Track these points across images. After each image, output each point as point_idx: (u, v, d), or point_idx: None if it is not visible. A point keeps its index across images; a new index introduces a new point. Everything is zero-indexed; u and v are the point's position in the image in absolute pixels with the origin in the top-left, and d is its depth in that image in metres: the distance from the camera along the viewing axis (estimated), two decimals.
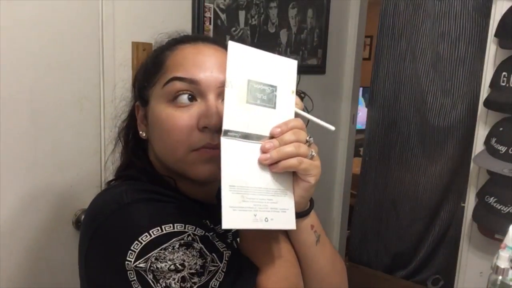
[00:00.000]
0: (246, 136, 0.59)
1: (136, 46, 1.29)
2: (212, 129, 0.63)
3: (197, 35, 0.74)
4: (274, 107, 0.62)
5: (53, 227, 1.18)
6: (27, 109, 1.09)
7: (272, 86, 0.62)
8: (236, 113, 0.58)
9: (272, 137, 0.60)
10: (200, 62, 0.66)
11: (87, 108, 1.22)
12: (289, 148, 0.59)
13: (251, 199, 0.57)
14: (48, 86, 1.12)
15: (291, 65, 0.65)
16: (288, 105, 0.64)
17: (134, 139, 0.76)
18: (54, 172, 1.16)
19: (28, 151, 1.10)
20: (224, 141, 0.57)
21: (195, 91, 0.65)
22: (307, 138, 0.62)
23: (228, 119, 0.58)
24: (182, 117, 0.64)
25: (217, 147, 0.58)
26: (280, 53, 1.88)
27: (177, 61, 0.68)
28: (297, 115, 0.65)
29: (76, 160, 1.21)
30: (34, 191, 1.13)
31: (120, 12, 1.25)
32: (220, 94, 0.65)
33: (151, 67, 0.71)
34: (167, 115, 0.65)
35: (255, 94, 0.60)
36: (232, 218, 0.55)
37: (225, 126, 0.57)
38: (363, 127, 2.66)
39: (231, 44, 0.59)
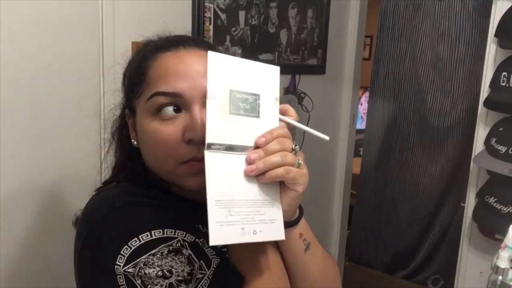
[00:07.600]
0: (230, 148, 0.57)
1: (136, 46, 1.29)
2: (198, 141, 0.61)
3: (178, 38, 0.71)
4: (258, 116, 0.61)
5: (53, 227, 1.18)
6: (27, 109, 1.09)
7: (255, 94, 0.61)
8: (219, 125, 0.57)
9: (257, 147, 0.59)
10: (182, 73, 0.64)
11: (87, 108, 1.22)
12: (275, 158, 0.58)
13: (238, 212, 0.56)
14: (48, 86, 1.12)
15: (273, 72, 0.63)
16: (272, 113, 0.62)
17: (127, 141, 0.76)
18: (54, 172, 1.16)
19: (28, 151, 1.10)
20: (208, 155, 0.56)
21: (180, 103, 0.64)
22: (293, 146, 0.60)
23: (211, 132, 0.56)
24: (167, 131, 0.63)
25: (203, 160, 0.57)
26: (280, 53, 1.88)
27: (159, 73, 0.66)
28: (287, 123, 0.63)
29: (76, 160, 1.21)
30: (34, 191, 1.13)
31: (120, 12, 1.25)
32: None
33: (135, 77, 0.70)
34: (152, 129, 0.65)
35: (237, 104, 0.59)
36: (220, 234, 0.54)
37: (208, 140, 0.56)
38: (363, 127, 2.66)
39: (211, 54, 0.57)
